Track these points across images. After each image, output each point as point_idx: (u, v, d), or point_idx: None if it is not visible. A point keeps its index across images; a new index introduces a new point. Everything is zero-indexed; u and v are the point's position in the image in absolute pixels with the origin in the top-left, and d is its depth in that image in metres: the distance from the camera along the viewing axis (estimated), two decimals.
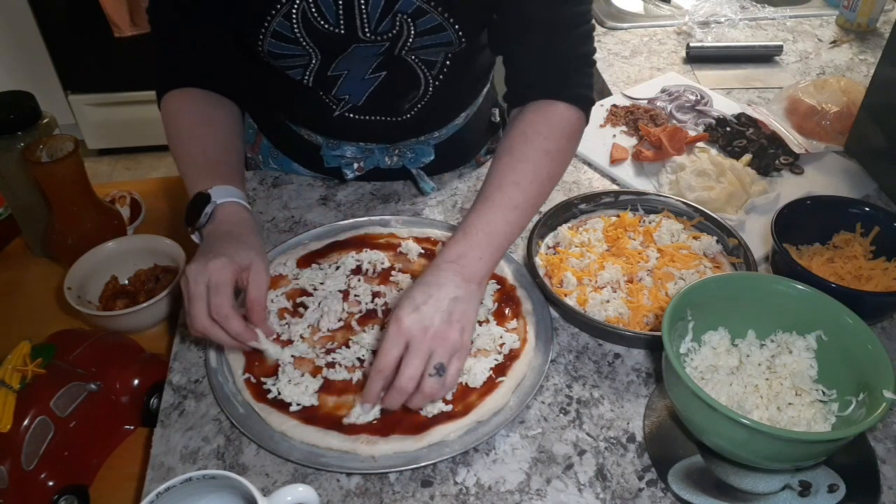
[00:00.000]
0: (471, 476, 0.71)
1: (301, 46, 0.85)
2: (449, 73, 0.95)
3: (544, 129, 0.82)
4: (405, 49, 0.87)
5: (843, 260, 0.90)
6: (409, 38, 0.85)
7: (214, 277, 0.71)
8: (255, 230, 0.82)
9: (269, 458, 0.72)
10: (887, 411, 0.60)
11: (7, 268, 1.08)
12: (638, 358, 0.83)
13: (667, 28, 1.67)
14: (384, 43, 0.86)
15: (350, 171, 1.06)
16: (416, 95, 0.96)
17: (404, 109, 0.98)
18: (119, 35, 2.58)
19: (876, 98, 1.11)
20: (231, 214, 0.81)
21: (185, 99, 0.91)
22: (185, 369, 0.82)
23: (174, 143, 0.89)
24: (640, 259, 0.92)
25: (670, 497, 0.69)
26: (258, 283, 0.75)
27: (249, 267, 0.75)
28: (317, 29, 0.83)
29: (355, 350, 0.81)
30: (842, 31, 1.66)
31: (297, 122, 1.07)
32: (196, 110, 0.90)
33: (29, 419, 0.72)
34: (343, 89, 0.94)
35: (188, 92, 0.91)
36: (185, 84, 0.91)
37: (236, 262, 0.74)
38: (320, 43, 0.85)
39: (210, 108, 0.91)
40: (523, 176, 0.79)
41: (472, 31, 0.87)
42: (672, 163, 1.13)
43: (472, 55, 0.98)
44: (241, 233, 0.79)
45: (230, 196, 0.82)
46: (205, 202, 0.80)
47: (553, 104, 0.84)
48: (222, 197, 0.81)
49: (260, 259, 0.77)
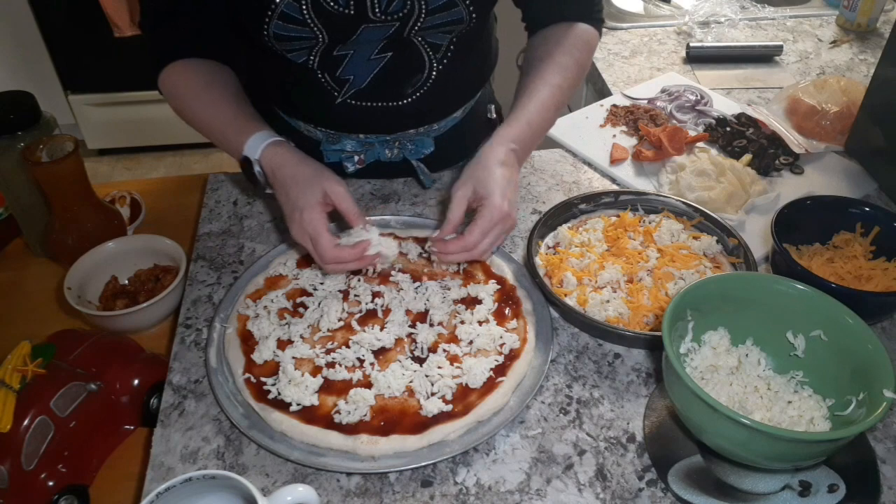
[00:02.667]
0: (471, 476, 0.71)
1: (308, 28, 0.85)
2: (453, 57, 0.96)
3: (578, 44, 0.96)
4: (415, 29, 0.88)
5: (843, 260, 0.90)
6: (421, 16, 0.86)
7: (311, 232, 0.81)
8: (303, 158, 0.86)
9: (269, 458, 0.72)
10: (887, 411, 0.60)
11: (7, 268, 1.08)
12: (638, 358, 0.83)
13: (667, 28, 1.67)
14: (394, 23, 0.87)
15: (351, 165, 1.06)
16: (419, 79, 0.97)
17: (407, 94, 0.99)
18: (119, 35, 2.58)
19: (876, 98, 1.11)
20: (274, 159, 0.85)
21: (182, 70, 0.93)
22: (185, 369, 0.82)
23: (187, 114, 0.93)
24: (640, 259, 0.92)
25: (670, 497, 0.69)
26: (340, 197, 0.83)
27: (325, 194, 0.82)
28: (326, 10, 0.83)
29: (355, 350, 0.81)
30: (842, 31, 1.66)
31: (296, 116, 1.07)
32: (196, 77, 0.93)
33: (29, 419, 0.72)
34: (348, 70, 0.95)
35: (183, 63, 0.93)
36: (180, 56, 0.93)
37: (315, 204, 0.81)
38: (328, 24, 0.85)
39: (209, 72, 0.94)
40: (564, 79, 0.93)
41: (483, 6, 0.89)
42: (672, 163, 1.13)
43: (475, 40, 1.00)
44: (294, 173, 0.84)
45: (262, 143, 0.86)
46: (250, 166, 0.86)
47: (576, 25, 0.97)
48: (257, 150, 0.86)
49: (326, 181, 0.83)
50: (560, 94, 0.92)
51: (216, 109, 0.91)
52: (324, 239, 0.80)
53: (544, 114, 0.91)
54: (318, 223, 0.81)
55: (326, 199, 0.83)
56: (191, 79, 0.93)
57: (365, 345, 0.81)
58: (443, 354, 0.80)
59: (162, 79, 0.93)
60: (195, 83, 0.93)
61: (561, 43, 0.95)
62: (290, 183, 0.83)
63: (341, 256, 0.82)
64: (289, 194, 0.83)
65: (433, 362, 0.79)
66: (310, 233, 0.81)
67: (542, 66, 0.93)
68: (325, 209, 0.83)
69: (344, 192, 0.83)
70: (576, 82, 0.96)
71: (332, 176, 0.84)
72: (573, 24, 0.97)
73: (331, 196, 0.83)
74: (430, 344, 0.82)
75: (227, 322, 0.86)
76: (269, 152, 0.86)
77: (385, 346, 0.82)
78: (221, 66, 0.96)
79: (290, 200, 0.83)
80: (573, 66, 0.94)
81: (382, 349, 0.82)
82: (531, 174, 1.13)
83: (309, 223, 0.81)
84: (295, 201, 0.82)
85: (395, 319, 0.85)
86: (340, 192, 0.83)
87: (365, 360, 0.80)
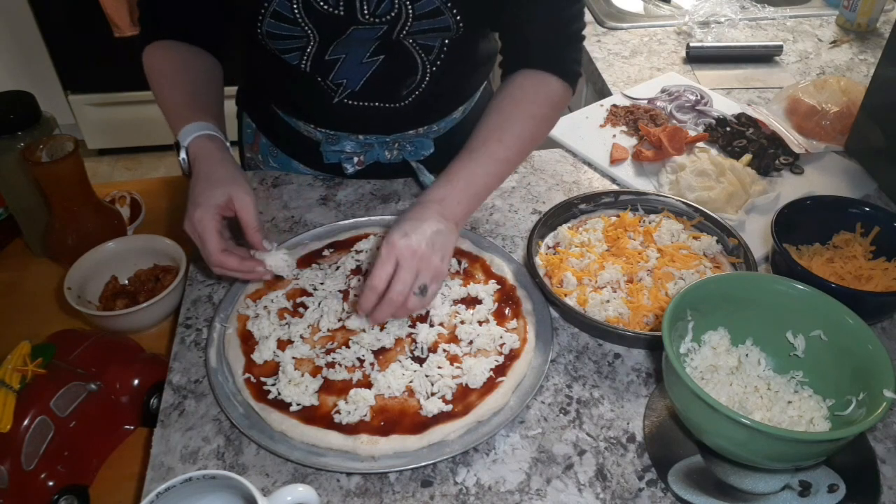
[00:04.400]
0: (471, 476, 0.71)
1: (300, 27, 0.86)
2: (447, 59, 0.95)
3: (533, 96, 0.89)
4: (403, 32, 0.88)
5: (843, 260, 0.90)
6: (408, 21, 0.86)
7: (199, 231, 0.79)
8: (224, 159, 0.85)
9: (269, 458, 0.72)
10: (887, 411, 0.60)
11: (7, 268, 1.08)
12: (638, 358, 0.83)
13: (667, 28, 1.67)
14: (382, 26, 0.86)
15: (350, 166, 1.06)
16: (413, 81, 0.97)
17: (402, 96, 0.99)
18: (119, 35, 2.58)
19: (876, 98, 1.11)
20: (198, 152, 0.84)
21: (163, 50, 0.94)
22: (185, 369, 0.82)
23: (155, 91, 0.93)
24: (640, 259, 0.92)
25: (670, 497, 0.69)
26: (243, 206, 0.80)
27: (229, 200, 0.80)
28: (316, 10, 0.84)
29: (355, 350, 0.81)
30: (842, 31, 1.66)
31: (296, 115, 1.07)
32: (173, 58, 0.93)
33: (29, 419, 0.72)
34: (340, 73, 0.95)
35: (167, 43, 0.94)
36: (167, 36, 0.94)
37: (212, 205, 0.79)
38: (319, 24, 0.86)
39: (187, 56, 0.94)
40: (508, 134, 0.86)
41: (471, 17, 0.88)
42: (672, 163, 1.13)
43: (470, 43, 0.99)
44: (209, 170, 0.82)
45: (196, 132, 0.85)
46: (178, 148, 0.85)
47: (544, 75, 0.91)
48: (189, 137, 0.85)
49: (236, 186, 0.81)
50: (501, 147, 0.85)
51: (176, 91, 0.91)
52: (211, 242, 0.79)
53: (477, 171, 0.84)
54: (208, 223, 0.79)
55: (230, 204, 0.80)
56: (167, 59, 0.93)
57: (365, 345, 0.82)
58: (443, 354, 0.80)
59: (145, 54, 0.94)
60: (169, 63, 0.93)
61: (513, 94, 0.89)
62: (201, 178, 0.82)
63: (226, 263, 0.80)
64: (194, 188, 0.82)
65: (433, 362, 0.79)
66: (199, 231, 0.79)
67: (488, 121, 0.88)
68: (222, 212, 0.81)
69: (249, 202, 0.81)
70: (531, 134, 0.89)
71: (246, 185, 0.82)
72: (541, 74, 0.90)
73: (234, 202, 0.80)
74: (430, 344, 0.82)
75: (227, 322, 0.86)
76: (198, 143, 0.85)
77: (385, 346, 0.82)
78: (205, 53, 0.96)
79: (194, 195, 0.81)
80: (523, 118, 0.88)
81: (382, 349, 0.82)
82: (531, 174, 1.13)
83: (199, 222, 0.79)
84: (196, 197, 0.80)
85: (394, 319, 0.85)
86: (246, 201, 0.81)
87: (365, 360, 0.80)
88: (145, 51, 0.94)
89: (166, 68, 0.93)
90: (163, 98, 0.92)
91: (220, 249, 0.80)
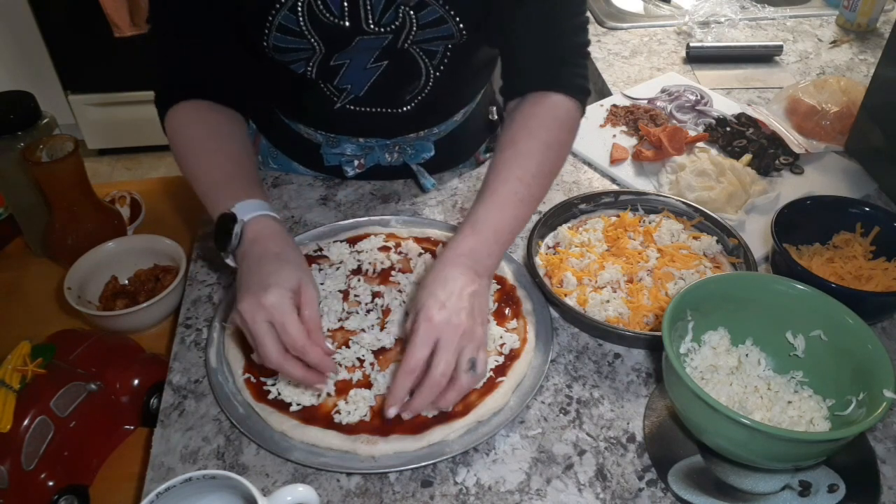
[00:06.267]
0: (471, 476, 0.71)
1: (306, 39, 0.85)
2: (450, 64, 0.95)
3: (546, 122, 0.84)
4: (408, 41, 0.88)
5: (843, 260, 0.90)
6: (412, 30, 0.86)
7: (277, 315, 0.68)
8: (291, 242, 0.77)
9: (269, 458, 0.72)
10: (887, 411, 0.60)
11: (7, 268, 1.08)
12: (638, 358, 0.83)
13: (667, 28, 1.67)
14: (387, 35, 0.86)
15: (350, 169, 1.06)
16: (416, 86, 0.97)
17: (405, 101, 0.98)
18: (119, 35, 2.58)
19: (876, 98, 1.11)
20: (263, 230, 0.76)
21: (189, 113, 0.86)
22: (185, 369, 0.82)
23: (186, 161, 0.84)
24: (640, 259, 0.92)
25: (670, 497, 0.69)
26: (310, 301, 0.71)
27: (300, 287, 0.71)
28: (322, 22, 0.83)
29: (355, 350, 0.81)
30: (842, 31, 1.66)
31: (297, 119, 1.07)
32: (203, 124, 0.86)
33: (29, 419, 0.72)
34: (345, 79, 0.94)
35: (191, 105, 0.86)
36: (188, 97, 0.86)
37: (288, 289, 0.70)
38: (325, 36, 0.85)
39: (217, 120, 0.87)
40: (527, 170, 0.80)
41: (474, 24, 0.87)
42: (672, 163, 1.13)
43: (472, 47, 0.98)
44: (279, 251, 0.74)
45: (257, 210, 0.77)
46: (232, 222, 0.75)
47: (551, 96, 0.85)
48: (249, 213, 0.76)
49: (306, 276, 0.73)
50: (523, 187, 0.79)
51: (219, 162, 0.83)
52: (294, 326, 0.68)
53: (503, 216, 0.79)
54: (286, 306, 0.68)
55: (296, 292, 0.71)
56: (200, 123, 0.86)
57: (365, 345, 0.81)
58: None
59: (169, 117, 0.86)
60: (203, 129, 0.85)
61: (526, 124, 0.83)
62: (269, 258, 0.73)
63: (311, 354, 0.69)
64: (262, 268, 0.72)
65: None
66: (276, 317, 0.68)
67: (504, 157, 0.82)
68: (295, 301, 0.71)
69: (315, 298, 0.72)
70: (550, 165, 0.83)
71: (312, 277, 0.75)
72: (548, 96, 0.85)
73: (302, 293, 0.71)
74: None
75: (228, 322, 0.86)
76: (262, 222, 0.76)
77: (385, 346, 0.82)
78: (230, 112, 0.88)
79: (261, 274, 0.71)
80: (540, 149, 0.82)
81: (382, 349, 0.81)
82: None
83: (275, 307, 0.68)
84: (266, 277, 0.70)
85: (395, 319, 0.85)
86: (313, 295, 0.72)
87: (365, 360, 0.80)
88: (168, 116, 0.86)
89: (200, 136, 0.84)
90: (201, 169, 0.83)
91: (304, 337, 0.68)
